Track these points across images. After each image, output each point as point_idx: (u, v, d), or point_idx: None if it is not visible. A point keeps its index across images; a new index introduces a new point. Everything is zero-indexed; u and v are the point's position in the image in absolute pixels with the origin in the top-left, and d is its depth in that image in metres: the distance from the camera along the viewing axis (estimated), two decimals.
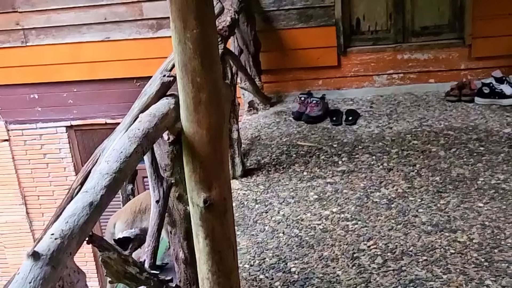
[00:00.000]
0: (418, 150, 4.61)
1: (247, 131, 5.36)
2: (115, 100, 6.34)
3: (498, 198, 3.84)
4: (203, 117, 2.24)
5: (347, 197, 4.07)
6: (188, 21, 2.12)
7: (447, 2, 5.77)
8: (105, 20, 6.06)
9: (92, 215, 1.71)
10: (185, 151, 2.32)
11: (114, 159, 1.97)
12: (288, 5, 5.82)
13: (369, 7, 5.86)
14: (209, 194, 2.30)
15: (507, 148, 4.48)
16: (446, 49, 5.81)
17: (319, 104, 5.43)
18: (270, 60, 6.02)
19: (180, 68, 2.20)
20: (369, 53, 5.92)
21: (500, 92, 5.27)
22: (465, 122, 5.01)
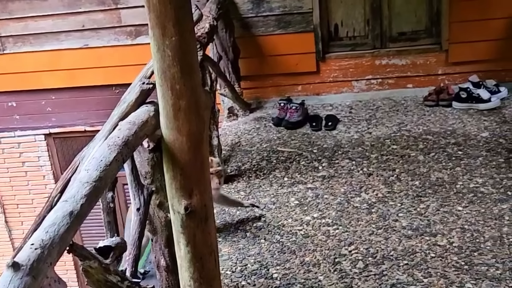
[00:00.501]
0: (398, 155, 4.64)
1: (227, 138, 5.35)
2: (94, 107, 6.30)
3: (477, 201, 3.88)
4: (183, 124, 2.24)
5: (328, 202, 4.08)
6: (166, 29, 2.12)
7: (423, 8, 5.82)
8: (83, 27, 6.03)
9: (72, 224, 1.71)
10: (165, 158, 2.31)
11: (94, 167, 1.97)
12: (266, 12, 5.83)
13: (347, 13, 5.90)
14: (190, 201, 2.30)
15: (485, 152, 4.53)
16: (424, 55, 5.86)
17: (298, 109, 5.45)
18: (249, 66, 6.03)
19: (159, 76, 2.20)
20: (347, 59, 5.95)
21: (477, 97, 5.32)
22: (443, 127, 5.05)
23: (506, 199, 3.87)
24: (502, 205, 3.80)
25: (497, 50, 5.71)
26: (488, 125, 4.99)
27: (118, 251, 2.11)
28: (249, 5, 5.81)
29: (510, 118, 5.09)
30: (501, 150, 4.53)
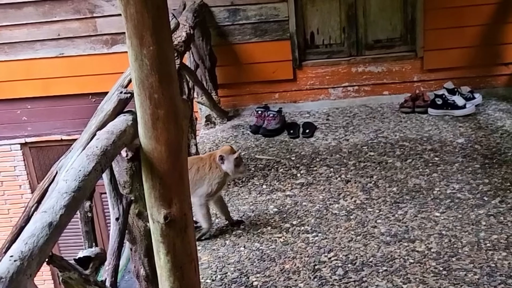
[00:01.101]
0: (375, 162, 4.67)
1: (205, 146, 5.35)
2: (71, 116, 6.26)
3: (454, 207, 3.91)
4: (161, 133, 2.23)
5: (307, 209, 4.09)
6: (144, 38, 2.12)
7: (398, 16, 5.88)
8: (58, 36, 5.99)
9: (51, 236, 1.69)
10: (144, 168, 2.30)
11: (73, 177, 1.95)
12: (242, 20, 5.84)
13: (322, 21, 5.93)
14: (169, 210, 2.29)
15: (461, 158, 4.58)
16: (399, 62, 5.92)
17: (276, 117, 5.46)
18: (226, 74, 6.03)
19: (137, 85, 2.19)
20: (324, 66, 5.98)
21: (452, 103, 5.38)
22: (419, 133, 5.10)
23: (482, 204, 3.91)
24: (478, 210, 3.84)
25: (471, 57, 5.79)
26: (464, 131, 5.05)
27: (98, 261, 2.09)
28: (226, 13, 5.83)
29: (485, 124, 5.15)
30: (477, 156, 4.58)
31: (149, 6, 2.08)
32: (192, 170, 3.64)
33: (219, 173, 3.79)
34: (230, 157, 3.78)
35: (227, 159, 3.78)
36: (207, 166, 3.79)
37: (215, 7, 5.81)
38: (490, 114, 5.37)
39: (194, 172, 3.72)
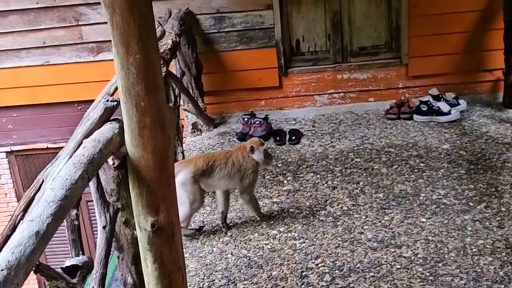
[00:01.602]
0: (361, 168, 4.69)
1: (192, 153, 5.34)
2: (57, 124, 6.25)
3: (440, 213, 3.94)
4: (148, 141, 2.24)
5: (294, 216, 4.10)
6: (130, 46, 2.12)
7: (383, 23, 5.92)
8: (44, 44, 5.97)
9: (38, 244, 1.69)
10: (130, 176, 2.30)
11: (60, 186, 1.95)
12: (228, 27, 5.86)
13: (308, 28, 5.96)
14: (157, 218, 2.29)
15: (447, 163, 4.61)
16: (384, 69, 5.95)
17: (262, 124, 5.47)
18: (213, 82, 6.04)
19: (123, 93, 2.20)
20: (309, 74, 6.01)
21: (437, 110, 5.42)
22: (405, 139, 5.13)
23: (468, 209, 3.94)
24: (464, 216, 3.87)
25: (455, 64, 5.84)
26: (449, 137, 5.09)
27: (85, 270, 2.09)
28: (211, 21, 5.84)
29: (469, 130, 5.19)
30: (462, 161, 4.62)
31: (135, 15, 2.09)
32: (228, 164, 3.92)
33: (252, 162, 3.99)
34: (260, 148, 4.00)
35: (257, 149, 3.99)
36: (240, 157, 3.98)
37: (200, 14, 5.82)
38: (475, 120, 5.42)
39: (231, 166, 3.94)
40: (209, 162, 3.90)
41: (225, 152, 4.07)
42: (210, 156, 3.99)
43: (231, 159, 3.96)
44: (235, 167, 3.95)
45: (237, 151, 4.03)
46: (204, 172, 3.87)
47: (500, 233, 3.64)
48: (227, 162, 3.93)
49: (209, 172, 3.89)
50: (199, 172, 3.85)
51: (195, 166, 3.85)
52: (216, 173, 3.91)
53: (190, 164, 3.89)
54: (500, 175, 4.34)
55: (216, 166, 3.91)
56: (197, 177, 3.84)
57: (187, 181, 3.82)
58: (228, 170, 3.93)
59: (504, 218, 3.80)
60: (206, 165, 3.88)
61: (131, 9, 2.09)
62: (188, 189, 3.83)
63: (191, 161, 3.97)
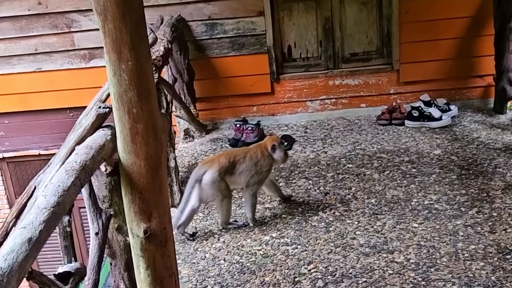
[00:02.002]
0: (353, 174, 4.70)
1: (184, 159, 5.35)
2: (48, 131, 6.24)
3: (432, 218, 3.95)
4: (141, 148, 2.24)
5: (286, 221, 4.11)
6: (123, 53, 2.12)
7: (374, 30, 5.95)
8: (36, 51, 5.97)
9: (31, 251, 1.69)
10: (123, 182, 2.31)
11: (52, 193, 1.95)
12: (220, 34, 5.87)
13: (300, 35, 5.98)
14: (149, 224, 2.29)
15: (438, 169, 4.62)
16: (376, 75, 5.98)
17: (254, 130, 5.49)
18: (205, 88, 6.05)
19: (116, 100, 2.20)
20: (301, 80, 6.03)
21: (429, 115, 5.44)
22: (396, 145, 5.15)
23: (459, 215, 3.95)
24: (456, 221, 3.88)
25: (446, 70, 5.87)
26: (440, 142, 5.11)
27: (78, 276, 2.09)
28: (203, 27, 5.85)
29: (461, 135, 5.22)
30: (454, 167, 4.64)
31: (127, 22, 2.09)
32: (246, 160, 4.05)
33: (270, 161, 4.12)
34: (281, 146, 4.16)
35: (278, 148, 4.13)
36: (259, 153, 4.10)
37: (192, 21, 5.83)
38: (466, 125, 5.45)
39: (248, 161, 4.06)
40: (230, 159, 4.03)
41: (244, 149, 4.21)
42: (230, 153, 4.13)
43: (249, 154, 4.09)
44: (252, 161, 4.07)
45: (256, 147, 4.16)
46: (227, 169, 4.00)
47: (491, 238, 3.65)
48: (245, 158, 4.06)
49: (231, 169, 4.02)
50: (224, 170, 3.98)
51: (219, 164, 3.96)
52: (237, 169, 4.04)
53: (214, 163, 3.99)
54: (491, 181, 4.36)
55: (236, 162, 4.04)
56: (222, 175, 3.97)
57: (214, 179, 3.94)
58: (246, 166, 4.05)
59: (495, 223, 3.81)
60: (228, 162, 4.01)
61: (123, 16, 2.09)
62: (217, 187, 3.95)
63: (213, 160, 4.06)
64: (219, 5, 5.78)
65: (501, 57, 5.45)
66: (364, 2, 5.88)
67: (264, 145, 4.14)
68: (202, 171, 3.96)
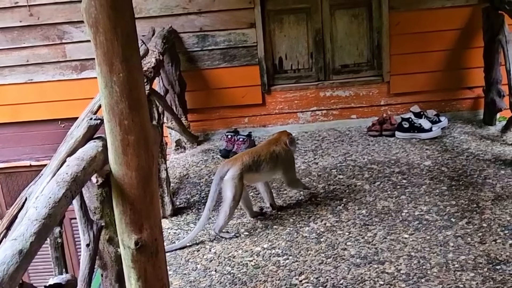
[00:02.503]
0: (344, 185, 4.72)
1: (175, 170, 5.36)
2: (40, 142, 6.23)
3: (422, 229, 3.96)
4: (132, 159, 2.25)
5: (277, 232, 4.12)
6: (114, 65, 2.14)
7: (365, 42, 5.99)
8: (27, 62, 5.97)
9: (22, 263, 1.69)
10: (114, 194, 2.31)
11: (43, 204, 1.96)
12: (211, 46, 5.90)
13: (290, 46, 6.01)
14: (140, 235, 2.30)
15: (428, 180, 4.64)
16: (366, 86, 6.01)
17: (245, 141, 5.50)
18: (196, 99, 6.07)
19: (107, 111, 2.21)
20: (292, 91, 6.05)
21: (419, 127, 5.48)
22: (387, 156, 5.17)
23: (450, 225, 3.97)
24: (446, 232, 3.90)
25: (436, 81, 5.91)
26: (431, 154, 5.14)
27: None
28: (195, 39, 5.87)
29: (451, 146, 5.25)
30: (444, 178, 4.66)
31: (118, 34, 2.11)
32: (272, 158, 4.27)
33: (290, 153, 4.45)
34: (294, 139, 4.56)
35: (293, 140, 4.51)
36: (282, 150, 4.37)
37: (184, 33, 5.86)
38: (456, 137, 5.48)
39: (275, 159, 4.29)
40: (254, 158, 4.20)
41: (266, 147, 4.37)
42: (254, 152, 4.29)
43: (274, 153, 4.31)
44: (279, 160, 4.32)
45: (276, 144, 4.38)
46: (250, 167, 4.16)
47: (481, 249, 3.67)
48: (271, 156, 4.28)
49: (256, 167, 4.20)
50: (246, 169, 4.13)
51: (242, 163, 4.12)
52: (263, 167, 4.23)
53: (237, 162, 4.14)
54: (481, 191, 4.39)
55: (262, 161, 4.22)
56: (243, 174, 4.11)
57: (235, 177, 4.08)
58: (273, 163, 4.27)
59: (485, 233, 3.83)
60: (252, 161, 4.17)
61: (115, 29, 2.11)
62: (234, 184, 4.08)
63: (237, 159, 4.20)
64: (210, 17, 5.81)
65: (490, 69, 5.50)
66: (355, 15, 5.92)
67: (282, 140, 4.40)
68: (226, 168, 4.13)
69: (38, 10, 5.82)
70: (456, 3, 5.69)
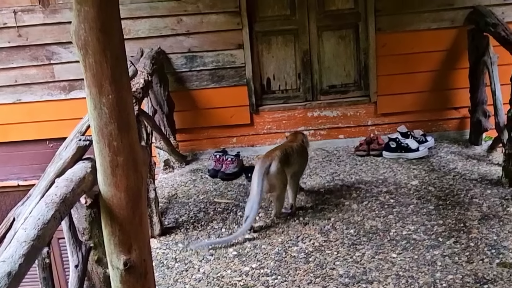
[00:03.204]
0: (332, 204, 4.73)
1: (164, 190, 5.36)
2: (28, 162, 6.21)
3: (410, 248, 3.98)
4: (121, 180, 2.26)
5: (266, 252, 4.12)
6: (103, 87, 2.16)
7: (352, 63, 6.05)
8: (16, 83, 5.97)
9: (10, 285, 1.70)
10: (103, 214, 2.32)
11: (32, 226, 1.96)
12: (200, 66, 5.93)
13: (278, 67, 6.06)
14: (129, 256, 2.30)
15: (416, 199, 4.67)
16: (354, 106, 6.06)
17: (234, 161, 5.51)
18: (185, 119, 6.09)
19: (96, 133, 2.23)
20: (280, 111, 6.09)
21: (406, 146, 5.52)
22: (375, 176, 5.20)
23: (437, 245, 3.99)
24: (434, 251, 3.91)
25: (423, 102, 5.97)
26: (418, 173, 5.17)
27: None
28: (183, 60, 5.91)
29: (437, 166, 5.29)
30: (431, 197, 4.69)
31: (108, 56, 2.13)
32: (295, 154, 4.60)
33: (307, 151, 4.83)
34: (307, 138, 5.01)
35: (307, 139, 4.94)
36: (301, 147, 4.73)
37: (172, 54, 5.89)
38: (443, 156, 5.52)
39: (297, 154, 4.62)
40: (284, 151, 4.51)
41: (289, 144, 4.69)
42: (282, 147, 4.60)
43: (296, 149, 4.64)
44: (300, 154, 4.67)
45: (297, 140, 4.78)
46: (284, 160, 4.46)
47: (469, 268, 3.68)
48: (296, 151, 4.61)
49: (286, 160, 4.47)
50: (283, 161, 4.43)
51: (278, 157, 4.41)
52: (291, 161, 4.53)
53: (274, 156, 4.42)
54: (468, 211, 4.42)
55: (289, 155, 4.52)
56: (282, 165, 4.41)
57: (279, 168, 4.37)
58: (297, 158, 4.61)
59: (472, 253, 3.85)
60: (283, 155, 4.47)
61: (104, 51, 2.13)
62: (280, 178, 4.40)
63: (271, 154, 4.46)
64: (198, 38, 5.85)
65: (475, 89, 5.56)
66: (342, 36, 5.98)
67: (301, 139, 4.81)
68: (267, 163, 4.35)
69: (26, 31, 5.84)
70: (441, 25, 5.77)
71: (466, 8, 5.70)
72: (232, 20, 5.81)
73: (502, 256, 3.75)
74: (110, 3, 2.13)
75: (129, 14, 5.66)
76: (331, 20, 5.96)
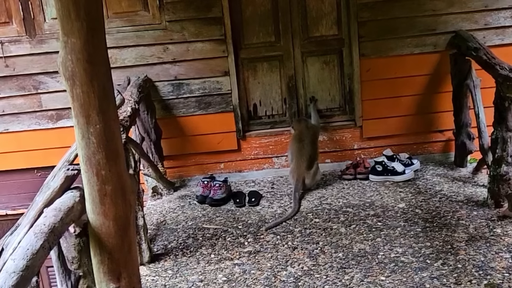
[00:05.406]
0: (320, 228, 4.75)
1: (152, 217, 5.36)
2: (16, 191, 6.20)
3: (398, 270, 4.00)
4: (109, 209, 2.28)
5: (255, 277, 4.12)
6: (91, 117, 2.19)
7: (336, 88, 6.10)
8: (3, 113, 5.98)
9: None
10: (92, 243, 2.33)
11: (21, 256, 1.97)
12: (186, 94, 5.96)
13: (264, 93, 6.11)
14: (118, 284, 2.31)
15: (403, 222, 4.70)
16: (339, 131, 6.11)
17: (222, 187, 5.53)
18: (172, 146, 6.10)
19: (84, 162, 2.25)
20: (267, 137, 6.13)
21: (392, 170, 5.56)
22: (362, 199, 5.23)
23: (425, 267, 4.01)
24: (422, 273, 3.93)
25: (408, 125, 6.02)
26: (404, 196, 5.21)
27: None
28: (170, 87, 5.94)
29: (424, 189, 5.33)
30: (418, 220, 4.72)
31: (95, 87, 2.17)
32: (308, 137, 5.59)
33: (314, 130, 5.71)
34: (306, 120, 5.81)
35: (306, 121, 5.72)
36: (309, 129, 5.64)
37: (159, 81, 5.92)
38: (429, 179, 5.57)
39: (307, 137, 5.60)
40: (308, 157, 5.52)
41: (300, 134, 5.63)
42: (297, 136, 5.64)
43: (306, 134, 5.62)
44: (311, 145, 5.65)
45: (301, 127, 5.68)
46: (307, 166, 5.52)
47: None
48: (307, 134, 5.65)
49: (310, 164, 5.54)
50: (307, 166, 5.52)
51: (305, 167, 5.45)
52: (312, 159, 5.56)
53: (302, 155, 5.48)
54: (455, 232, 4.45)
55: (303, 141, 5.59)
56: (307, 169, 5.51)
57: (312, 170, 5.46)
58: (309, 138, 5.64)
59: (460, 274, 3.87)
60: (308, 162, 5.51)
61: (91, 81, 2.16)
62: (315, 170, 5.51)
63: (300, 167, 5.51)
64: (185, 65, 5.89)
65: (459, 112, 5.63)
66: (326, 61, 6.05)
67: (304, 125, 5.66)
68: (300, 178, 5.42)
69: (13, 61, 5.86)
70: (424, 49, 5.85)
71: (448, 33, 5.78)
72: (217, 48, 5.86)
73: (490, 277, 3.77)
74: (96, 34, 2.17)
75: (115, 43, 5.70)
76: (315, 45, 6.02)
